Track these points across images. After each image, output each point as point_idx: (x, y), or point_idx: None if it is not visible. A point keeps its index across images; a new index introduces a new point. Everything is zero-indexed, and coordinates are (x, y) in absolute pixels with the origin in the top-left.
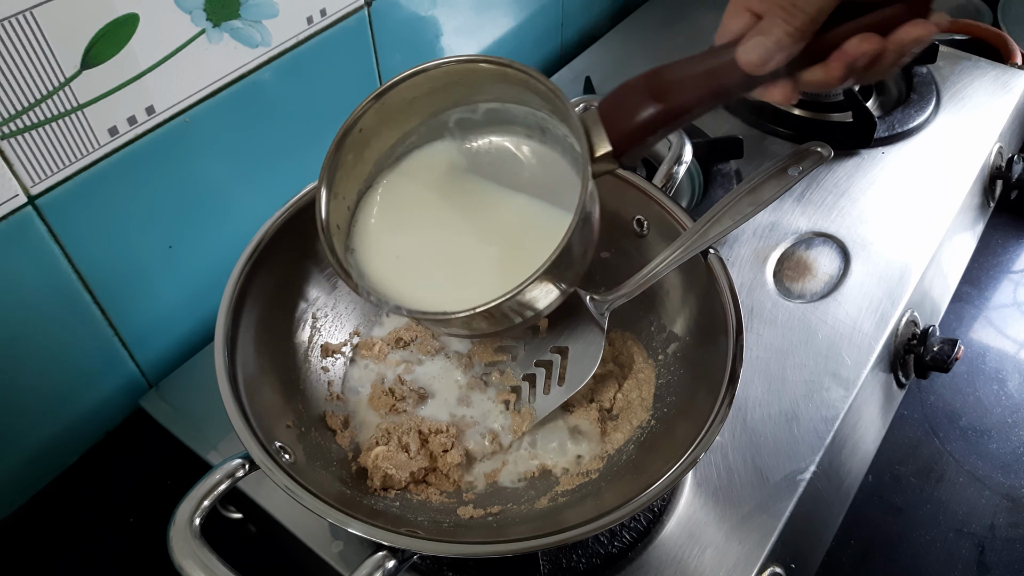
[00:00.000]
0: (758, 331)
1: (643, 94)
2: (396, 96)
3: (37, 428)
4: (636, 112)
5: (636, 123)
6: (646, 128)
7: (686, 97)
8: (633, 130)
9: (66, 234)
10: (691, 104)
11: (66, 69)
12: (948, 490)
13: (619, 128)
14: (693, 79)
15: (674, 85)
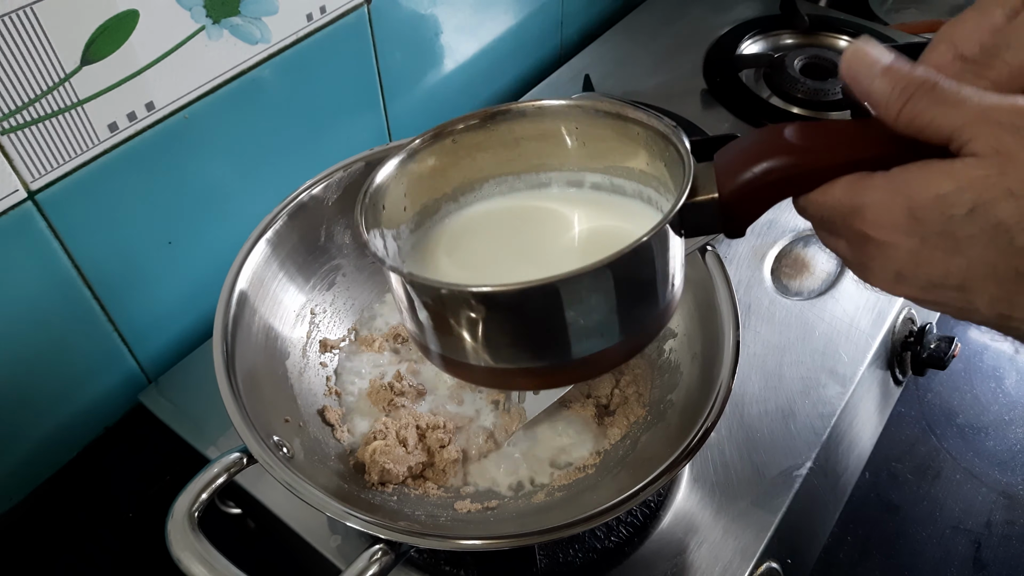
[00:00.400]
0: (755, 328)
1: (768, 147)
2: (506, 124)
3: (37, 423)
4: (755, 162)
5: (753, 173)
6: (762, 179)
7: (819, 156)
8: (748, 181)
9: (66, 229)
10: (824, 164)
11: (66, 65)
12: (945, 487)
13: (731, 175)
14: (830, 139)
15: (808, 142)
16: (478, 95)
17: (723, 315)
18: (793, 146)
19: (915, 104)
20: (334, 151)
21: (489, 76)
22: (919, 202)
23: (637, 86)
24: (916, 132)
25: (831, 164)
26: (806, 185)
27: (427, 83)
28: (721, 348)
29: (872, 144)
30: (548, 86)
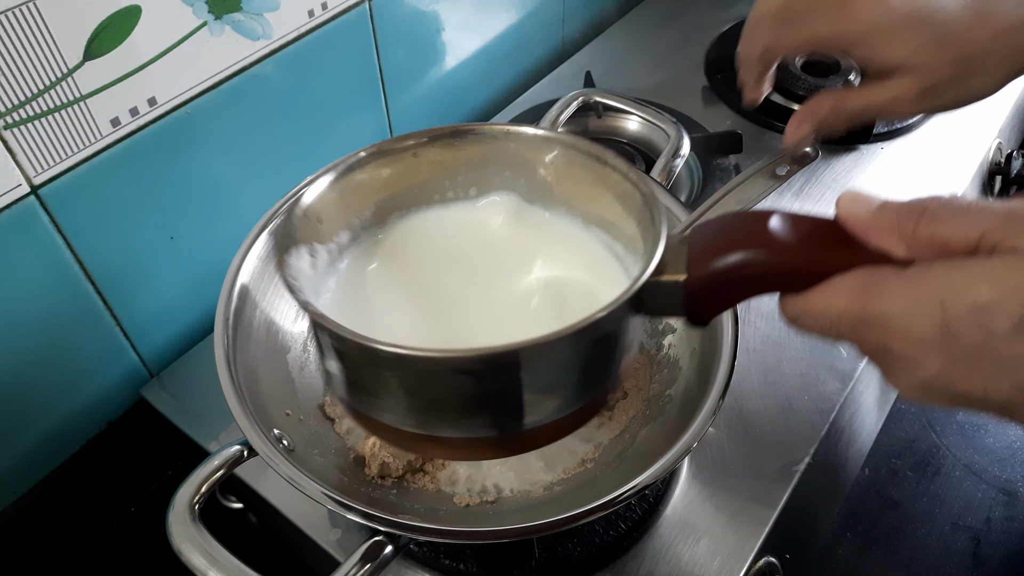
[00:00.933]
0: (755, 323)
1: (748, 235)
2: (475, 145)
3: (39, 418)
4: (731, 249)
5: (727, 263)
6: (737, 271)
7: (807, 257)
8: (720, 270)
9: (69, 224)
10: (812, 267)
11: (69, 60)
12: (944, 484)
13: (704, 259)
14: (824, 236)
15: (794, 239)
16: (480, 92)
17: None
18: (776, 240)
19: (930, 220)
20: (336, 147)
21: (491, 73)
22: (954, 314)
23: (638, 83)
24: (937, 247)
25: (821, 268)
26: (790, 285)
27: (429, 80)
28: (720, 343)
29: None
30: (550, 83)
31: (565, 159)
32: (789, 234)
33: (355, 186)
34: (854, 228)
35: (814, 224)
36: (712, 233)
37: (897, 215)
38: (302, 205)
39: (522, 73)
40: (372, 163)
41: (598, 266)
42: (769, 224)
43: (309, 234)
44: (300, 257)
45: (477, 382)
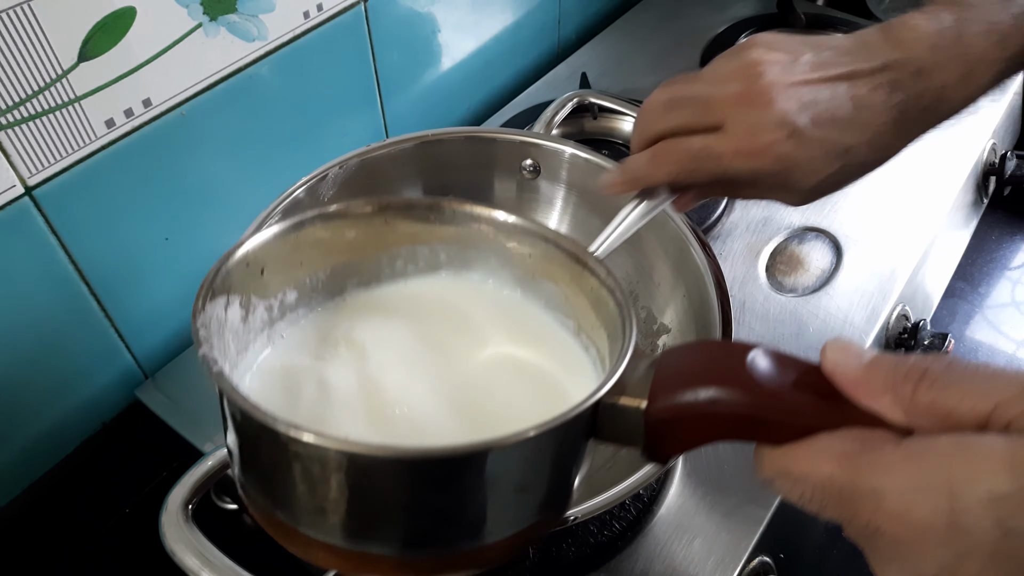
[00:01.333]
0: (750, 324)
1: (723, 370)
2: (452, 225)
3: (34, 419)
4: (701, 383)
5: (695, 399)
6: (704, 409)
7: (790, 407)
8: (685, 405)
9: (63, 225)
10: (796, 420)
11: (63, 61)
12: None
13: (670, 388)
14: (812, 385)
15: (777, 383)
16: (475, 93)
17: (716, 311)
18: (754, 380)
19: (931, 384)
20: (331, 148)
21: (486, 74)
22: (964, 504)
23: (634, 84)
24: (940, 417)
25: (805, 422)
26: (766, 436)
27: (424, 81)
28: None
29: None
30: (545, 84)
31: (543, 253)
32: (770, 375)
33: (313, 242)
34: (842, 384)
35: (800, 368)
36: (684, 361)
37: (893, 374)
38: (244, 250)
39: (518, 75)
40: (337, 221)
41: (568, 360)
42: (748, 360)
43: (247, 284)
44: (230, 307)
45: (378, 485)
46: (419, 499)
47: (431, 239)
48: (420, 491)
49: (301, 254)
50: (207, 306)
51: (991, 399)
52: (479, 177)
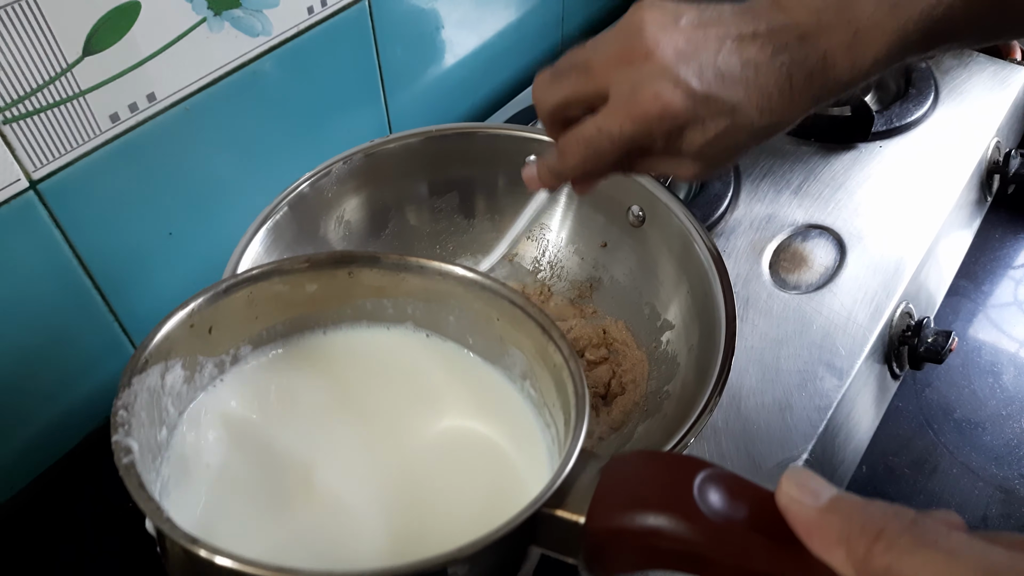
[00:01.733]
0: (753, 321)
1: (671, 495)
2: (419, 279)
3: (38, 412)
4: (644, 507)
5: (634, 523)
6: (645, 537)
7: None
8: (624, 528)
9: (67, 219)
10: (719, 555)
11: (68, 55)
12: (941, 481)
13: (612, 505)
14: (742, 523)
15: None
16: (478, 89)
17: (720, 307)
18: (700, 513)
19: (887, 547)
20: (334, 144)
21: (489, 70)
22: None
23: None
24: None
25: (751, 566)
26: (709, 575)
27: (428, 77)
28: (718, 340)
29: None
30: None
31: (511, 318)
32: (720, 506)
33: (270, 296)
34: (795, 525)
35: (754, 499)
36: (631, 475)
37: (848, 525)
38: (187, 311)
39: (521, 71)
40: (297, 275)
41: (520, 434)
42: (697, 484)
43: (192, 345)
44: (169, 372)
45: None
46: None
47: (397, 293)
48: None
49: (256, 309)
50: (134, 381)
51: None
52: (483, 173)
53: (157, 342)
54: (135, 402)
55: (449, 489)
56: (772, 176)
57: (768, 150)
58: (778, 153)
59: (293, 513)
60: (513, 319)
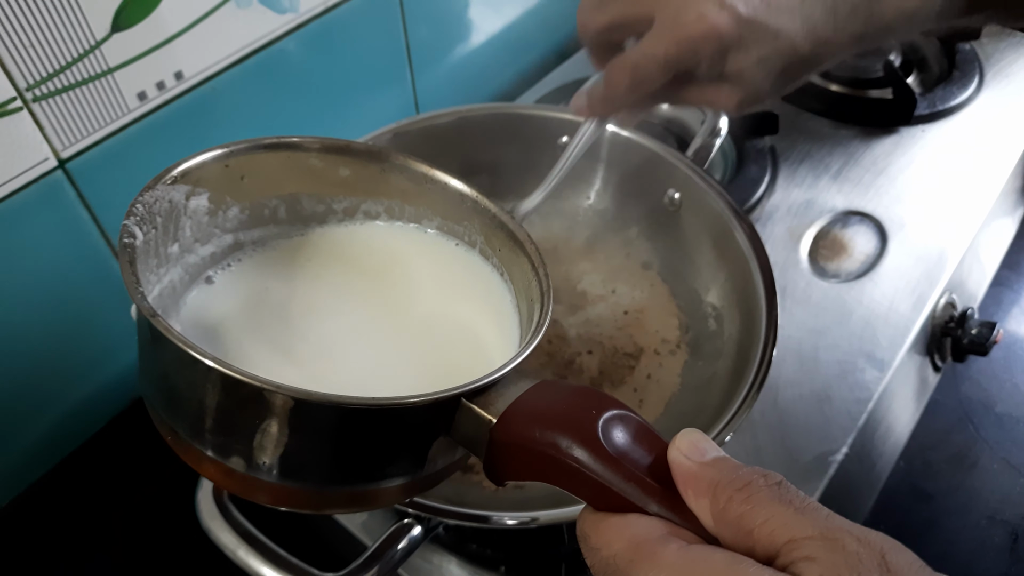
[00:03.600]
0: (791, 310)
1: (573, 423)
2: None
3: (66, 394)
4: (549, 426)
5: (536, 438)
6: (544, 452)
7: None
8: (527, 440)
9: (95, 199)
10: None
11: (96, 32)
12: (981, 477)
13: (523, 417)
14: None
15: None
16: (507, 69)
17: (760, 296)
18: (598, 444)
19: (746, 499)
20: (361, 124)
21: (518, 50)
22: None
23: None
24: (742, 533)
25: (630, 501)
26: (591, 497)
27: (455, 57)
28: (758, 331)
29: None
30: (578, 62)
31: (486, 225)
32: (619, 443)
33: (305, 168)
34: (676, 475)
35: (651, 446)
36: (550, 399)
37: (720, 478)
38: (226, 151)
39: (550, 51)
40: (336, 156)
41: (494, 306)
42: (604, 419)
43: (222, 183)
44: (195, 196)
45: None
46: (291, 433)
47: (417, 202)
48: (294, 427)
49: (289, 174)
50: (159, 187)
51: (789, 533)
52: (514, 155)
53: (190, 165)
54: (154, 204)
55: (422, 361)
56: (810, 160)
57: (806, 133)
58: (817, 137)
59: (285, 358)
60: (488, 226)
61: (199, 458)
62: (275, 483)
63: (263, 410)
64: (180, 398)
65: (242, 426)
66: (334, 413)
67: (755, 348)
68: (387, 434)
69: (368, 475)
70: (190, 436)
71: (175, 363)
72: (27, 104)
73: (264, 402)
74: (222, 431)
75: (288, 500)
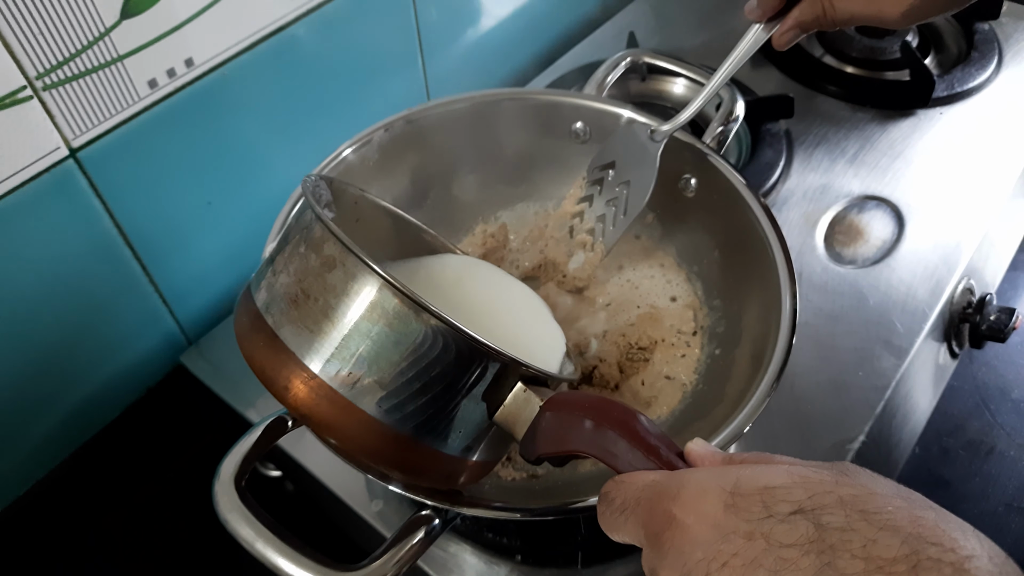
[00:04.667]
0: (807, 296)
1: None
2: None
3: (80, 383)
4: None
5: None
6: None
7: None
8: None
9: (107, 188)
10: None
11: (106, 18)
12: (998, 464)
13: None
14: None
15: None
16: (518, 53)
17: (779, 283)
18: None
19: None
20: (372, 110)
21: (529, 34)
22: (742, 491)
23: (683, 44)
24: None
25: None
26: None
27: (466, 41)
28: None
29: None
30: (590, 44)
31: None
32: (644, 423)
33: (413, 238)
34: (693, 455)
35: (660, 436)
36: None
37: (729, 455)
38: (359, 192)
39: (562, 34)
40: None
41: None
42: (641, 421)
43: (342, 212)
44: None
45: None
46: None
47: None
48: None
49: (394, 240)
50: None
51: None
52: (529, 140)
53: (337, 184)
54: (314, 188)
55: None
56: (826, 144)
57: (822, 116)
58: (832, 120)
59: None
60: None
61: (294, 373)
62: (368, 415)
63: (405, 328)
64: (314, 306)
65: (372, 342)
66: (467, 348)
67: (773, 336)
68: (479, 385)
69: (443, 432)
70: (302, 345)
71: (327, 266)
72: (37, 93)
73: (408, 321)
74: (348, 343)
75: (361, 439)
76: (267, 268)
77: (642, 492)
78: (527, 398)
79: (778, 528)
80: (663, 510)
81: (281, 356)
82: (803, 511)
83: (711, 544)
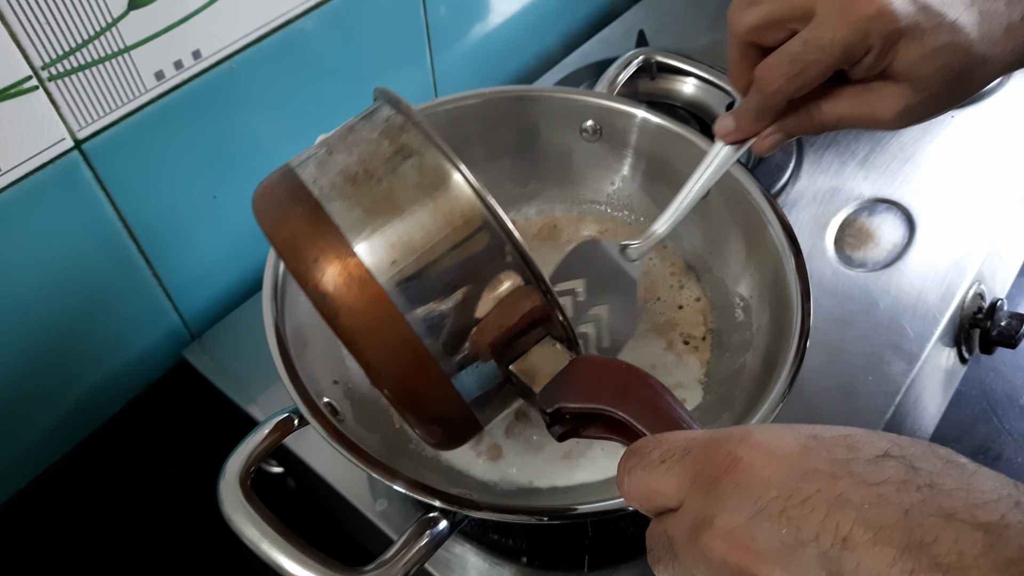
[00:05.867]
0: (817, 300)
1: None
2: None
3: (82, 378)
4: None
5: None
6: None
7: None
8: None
9: (112, 180)
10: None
11: (113, 9)
12: (1006, 469)
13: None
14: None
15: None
16: (527, 50)
17: (792, 286)
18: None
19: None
20: None
21: (538, 30)
22: (823, 436)
23: (693, 43)
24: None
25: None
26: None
27: (474, 36)
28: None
29: None
30: (599, 42)
31: None
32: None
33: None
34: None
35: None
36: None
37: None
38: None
39: (570, 31)
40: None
41: None
42: (668, 400)
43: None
44: None
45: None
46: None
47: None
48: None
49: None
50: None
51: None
52: (537, 138)
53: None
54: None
55: None
56: (836, 146)
57: None
58: None
59: None
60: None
61: (330, 246)
62: (395, 310)
63: (467, 231)
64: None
65: (427, 236)
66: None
67: (786, 340)
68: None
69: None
70: (349, 221)
71: (401, 153)
72: (43, 83)
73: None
74: (401, 230)
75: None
76: (319, 149)
77: (691, 442)
78: (557, 350)
79: (866, 468)
80: (726, 452)
81: (320, 227)
82: (891, 455)
83: (787, 482)
